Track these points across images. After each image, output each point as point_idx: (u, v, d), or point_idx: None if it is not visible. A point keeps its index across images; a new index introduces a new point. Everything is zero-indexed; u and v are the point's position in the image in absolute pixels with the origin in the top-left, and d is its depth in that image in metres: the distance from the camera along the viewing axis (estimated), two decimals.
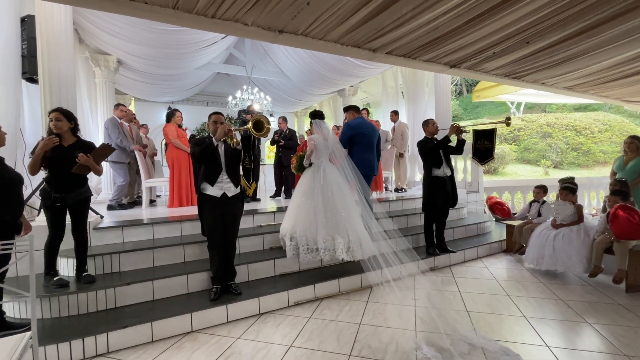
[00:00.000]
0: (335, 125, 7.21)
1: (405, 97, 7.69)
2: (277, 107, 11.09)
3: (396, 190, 6.42)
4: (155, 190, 6.66)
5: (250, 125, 2.44)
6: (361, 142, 3.79)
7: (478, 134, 3.56)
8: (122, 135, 4.76)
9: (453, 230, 4.51)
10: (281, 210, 4.04)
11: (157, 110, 10.26)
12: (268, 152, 11.28)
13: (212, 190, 2.66)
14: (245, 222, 3.74)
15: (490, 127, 3.58)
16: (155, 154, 6.29)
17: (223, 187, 2.68)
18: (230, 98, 8.77)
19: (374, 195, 5.73)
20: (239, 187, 2.80)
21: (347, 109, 4.07)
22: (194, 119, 10.52)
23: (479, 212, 6.14)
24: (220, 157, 2.69)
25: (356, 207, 3.07)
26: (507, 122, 3.32)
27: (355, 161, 3.42)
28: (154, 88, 8.20)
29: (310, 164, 3.27)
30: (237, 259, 3.13)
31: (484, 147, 3.52)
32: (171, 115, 4.90)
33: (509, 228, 4.41)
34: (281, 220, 3.71)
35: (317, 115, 3.42)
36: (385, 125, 7.97)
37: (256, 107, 7.65)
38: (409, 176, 7.18)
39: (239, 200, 2.81)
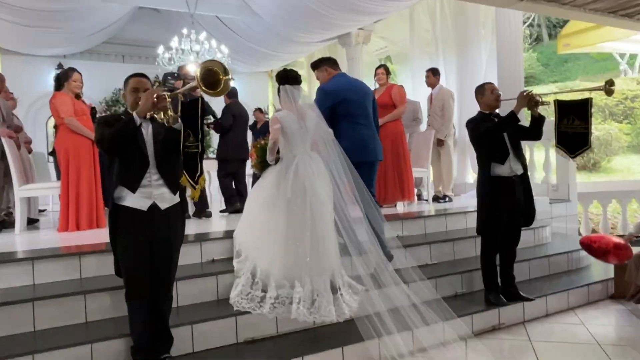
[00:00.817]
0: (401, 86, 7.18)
1: (449, 47, 7.78)
2: (240, 65, 11.12)
3: (436, 199, 6.49)
4: (36, 203, 6.62)
5: (197, 77, 2.43)
6: (348, 112, 3.91)
7: (564, 108, 3.62)
8: None
9: (528, 264, 4.58)
10: None
11: (37, 69, 10.20)
12: None
13: (134, 200, 2.65)
14: (187, 254, 3.72)
15: (583, 96, 3.65)
16: (29, 143, 6.24)
17: (152, 194, 2.67)
18: (160, 50, 8.76)
19: (398, 207, 5.77)
20: (178, 192, 2.80)
21: (317, 65, 4.18)
22: (100, 85, 10.47)
23: (571, 234, 6.22)
24: (146, 144, 2.68)
25: (334, 231, 3.16)
26: (608, 88, 3.38)
27: (343, 144, 3.51)
28: (33, 33, 8.16)
29: (278, 159, 3.36)
30: (175, 316, 3.11)
31: (573, 129, 3.59)
32: (64, 78, 4.90)
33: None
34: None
35: (287, 78, 3.43)
36: (417, 93, 8.05)
37: (191, 69, 7.67)
38: (456, 176, 7.25)
39: (178, 216, 2.81)
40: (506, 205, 3.73)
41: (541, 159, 6.74)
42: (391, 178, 5.65)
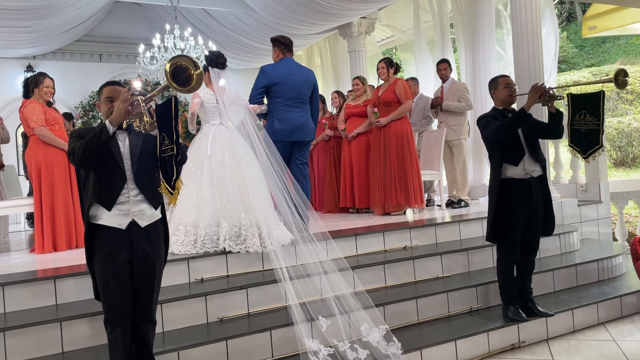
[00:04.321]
0: (413, 78, 7.62)
1: (460, 34, 7.84)
2: (231, 61, 11.16)
3: (450, 204, 6.54)
4: (6, 223, 6.74)
5: (167, 73, 2.53)
6: (281, 95, 4.90)
7: (577, 102, 3.66)
8: None
9: (553, 274, 4.63)
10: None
11: (4, 72, 10.32)
12: None
13: (111, 219, 2.72)
14: (173, 274, 3.82)
15: (594, 89, 3.70)
16: None
17: (130, 210, 2.74)
18: (141, 48, 8.87)
19: (407, 214, 5.83)
20: (160, 206, 2.88)
21: (272, 42, 5.14)
22: (75, 88, 10.63)
23: (604, 239, 6.26)
24: (123, 157, 2.76)
25: (262, 180, 4.20)
26: (619, 80, 3.41)
27: (276, 125, 4.78)
28: None
29: (199, 129, 4.40)
30: (161, 342, 3.20)
31: (585, 126, 3.64)
32: (33, 83, 4.99)
33: None
34: (247, 266, 4.09)
35: (217, 61, 4.41)
36: (424, 87, 8.10)
37: (137, 85, 7.94)
38: (472, 178, 7.30)
39: (160, 232, 2.88)
40: (521, 211, 3.79)
41: (568, 156, 6.79)
42: (394, 182, 5.76)
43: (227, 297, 3.69)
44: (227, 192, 4.09)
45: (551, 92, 3.69)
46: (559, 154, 6.77)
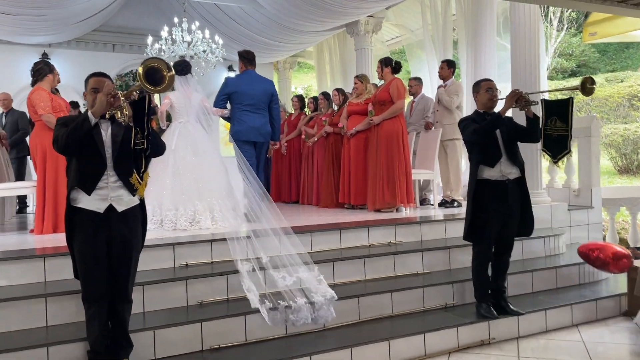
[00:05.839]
0: (416, 78, 7.65)
1: (462, 36, 7.89)
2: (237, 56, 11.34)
3: (443, 204, 6.61)
4: (12, 204, 6.93)
5: (140, 74, 2.66)
6: (240, 102, 5.69)
7: (549, 108, 3.74)
8: None
9: (532, 275, 4.69)
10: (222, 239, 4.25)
11: (20, 59, 10.49)
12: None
13: (90, 202, 2.87)
14: (158, 258, 3.96)
15: (564, 96, 3.77)
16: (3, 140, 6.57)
17: (109, 195, 2.89)
18: (149, 39, 9.02)
19: (401, 212, 5.91)
20: (136, 192, 3.00)
21: (238, 56, 5.96)
22: (84, 77, 10.81)
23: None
24: (105, 145, 2.90)
25: (220, 172, 5.03)
26: (586, 87, 3.48)
27: (236, 127, 5.61)
28: (14, 21, 8.46)
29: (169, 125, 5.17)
30: (140, 322, 3.33)
31: (555, 132, 3.70)
32: (47, 70, 5.16)
33: (631, 274, 4.56)
34: (227, 253, 4.05)
35: (182, 68, 5.25)
36: (434, 89, 8.15)
37: None
38: (466, 179, 7.33)
39: (137, 216, 3.02)
40: (496, 211, 3.86)
41: (562, 161, 6.80)
42: (382, 180, 5.84)
43: (208, 282, 3.81)
44: (185, 183, 4.86)
45: (527, 97, 3.76)
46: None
